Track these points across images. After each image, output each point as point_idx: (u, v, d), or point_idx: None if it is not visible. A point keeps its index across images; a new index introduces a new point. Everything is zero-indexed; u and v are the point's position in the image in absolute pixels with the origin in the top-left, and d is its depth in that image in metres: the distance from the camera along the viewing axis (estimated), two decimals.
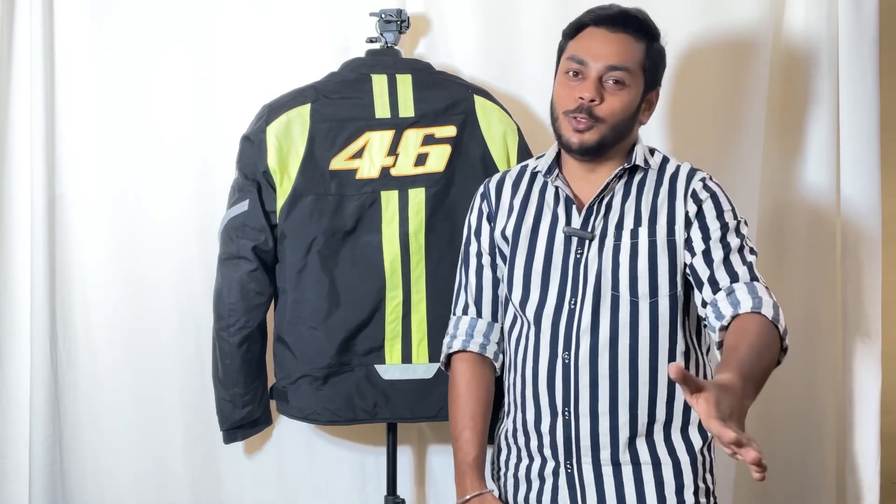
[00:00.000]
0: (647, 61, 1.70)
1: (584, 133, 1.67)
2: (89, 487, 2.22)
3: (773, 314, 1.51)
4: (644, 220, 1.68)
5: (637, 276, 1.66)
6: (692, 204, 1.68)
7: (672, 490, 1.65)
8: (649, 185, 1.71)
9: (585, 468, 1.68)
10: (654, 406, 1.66)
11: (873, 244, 2.22)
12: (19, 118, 2.20)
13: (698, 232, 1.66)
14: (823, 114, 2.22)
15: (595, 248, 1.69)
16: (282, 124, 1.99)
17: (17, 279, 2.21)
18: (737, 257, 1.63)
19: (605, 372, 1.66)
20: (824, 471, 2.25)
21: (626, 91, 1.68)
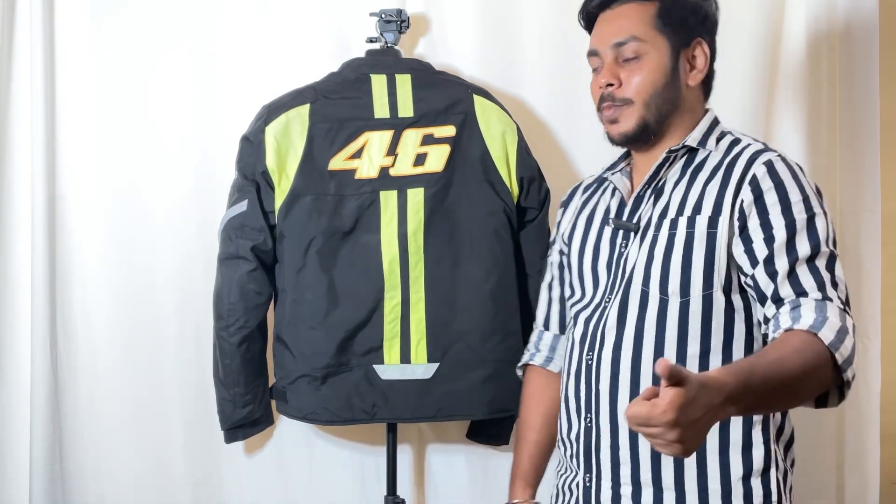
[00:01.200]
0: (661, 19, 1.52)
1: (618, 122, 1.54)
2: (89, 487, 2.22)
3: (832, 338, 1.26)
4: (688, 209, 1.47)
5: (669, 271, 1.46)
6: (748, 192, 1.43)
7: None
8: (706, 170, 1.49)
9: (604, 485, 1.52)
10: None
11: (873, 244, 2.22)
12: (19, 118, 2.20)
13: (759, 232, 1.41)
14: (823, 114, 2.22)
15: (638, 240, 1.52)
16: (281, 124, 2.00)
17: (17, 279, 2.21)
18: (805, 269, 1.36)
19: (627, 375, 1.48)
20: (824, 471, 2.25)
21: (644, 61, 1.52)
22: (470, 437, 2.22)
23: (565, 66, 2.20)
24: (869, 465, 2.22)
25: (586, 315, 1.58)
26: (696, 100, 1.57)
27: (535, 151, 2.08)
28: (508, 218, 2.02)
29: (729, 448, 1.44)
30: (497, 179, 2.02)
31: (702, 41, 1.55)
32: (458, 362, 2.00)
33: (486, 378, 2.00)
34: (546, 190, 2.08)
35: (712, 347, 1.45)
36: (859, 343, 2.18)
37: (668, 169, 1.54)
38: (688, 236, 1.46)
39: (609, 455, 1.51)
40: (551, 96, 2.22)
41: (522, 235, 2.07)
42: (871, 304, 2.23)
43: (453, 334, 2.00)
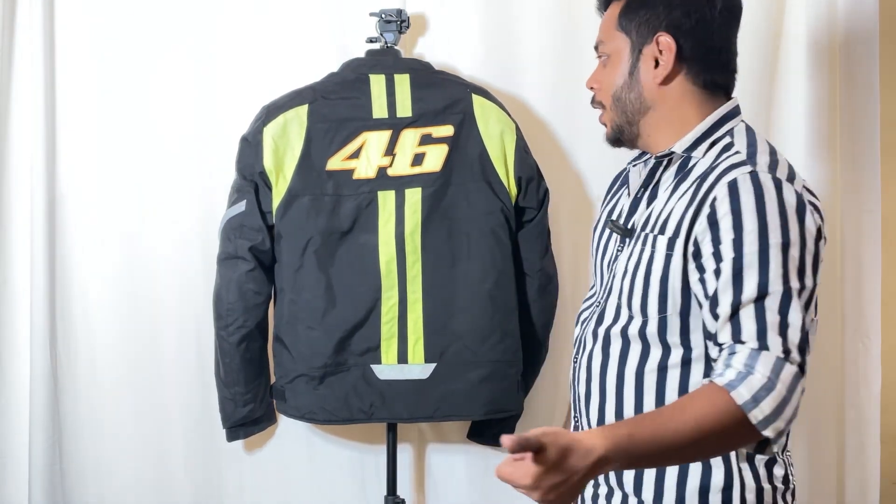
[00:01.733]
0: (624, 17, 1.43)
1: (605, 126, 1.49)
2: (89, 488, 2.22)
3: (746, 399, 1.19)
4: (657, 226, 1.38)
5: (634, 289, 1.40)
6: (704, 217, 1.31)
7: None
8: (689, 180, 1.38)
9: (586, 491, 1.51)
10: None
11: (873, 244, 2.22)
12: (19, 118, 2.21)
13: (711, 262, 1.29)
14: (824, 114, 2.22)
15: (626, 248, 1.44)
16: (279, 125, 2.00)
17: (17, 280, 2.22)
18: (749, 312, 1.24)
19: (597, 382, 1.46)
20: (823, 471, 2.25)
21: (609, 62, 1.46)
22: (471, 437, 2.22)
23: (565, 66, 2.19)
24: (869, 466, 2.22)
25: (584, 317, 1.55)
26: (680, 98, 1.42)
27: (534, 151, 2.08)
28: (506, 218, 2.02)
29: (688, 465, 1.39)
30: (495, 179, 2.02)
31: (663, 34, 1.40)
32: (456, 362, 2.00)
33: (484, 378, 2.00)
34: (545, 190, 2.07)
35: (670, 364, 1.38)
36: (860, 343, 2.20)
37: (664, 171, 1.44)
38: (650, 256, 1.38)
39: None
40: (551, 96, 2.21)
41: (521, 235, 2.07)
42: (872, 305, 2.23)
43: (451, 334, 2.00)
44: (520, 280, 2.08)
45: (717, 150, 1.39)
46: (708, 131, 1.41)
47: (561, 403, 2.21)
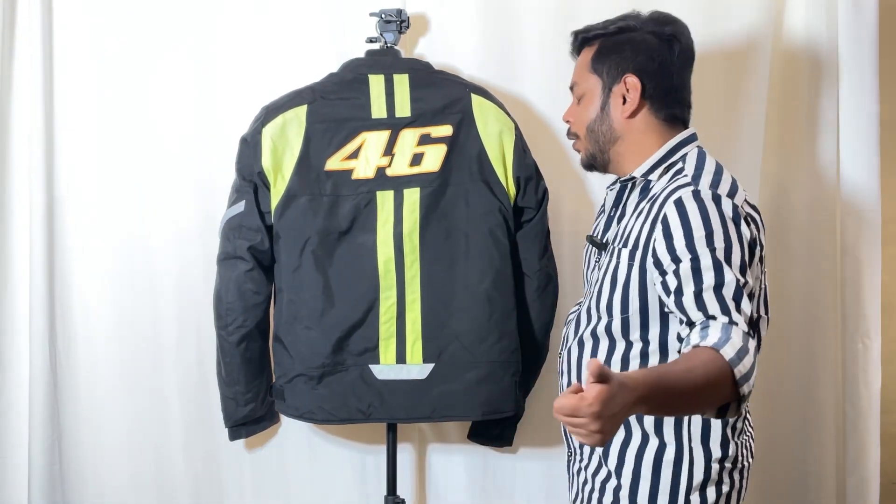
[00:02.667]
0: (596, 61, 1.70)
1: (579, 153, 1.76)
2: (89, 488, 2.22)
3: (732, 356, 1.37)
4: (622, 240, 1.63)
5: (601, 293, 1.64)
6: (659, 232, 1.54)
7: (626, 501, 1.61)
8: (648, 200, 1.61)
9: (575, 457, 1.73)
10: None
11: (873, 244, 2.22)
12: (19, 119, 2.21)
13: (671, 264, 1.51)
14: (823, 114, 2.22)
15: (601, 261, 1.69)
16: (278, 125, 2.00)
17: (17, 279, 2.22)
18: (711, 296, 1.46)
19: (574, 373, 1.70)
20: (824, 471, 2.25)
21: (583, 101, 1.72)
22: (471, 438, 2.22)
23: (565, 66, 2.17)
24: (869, 465, 2.22)
25: (569, 318, 1.80)
26: (644, 129, 1.67)
27: (534, 151, 2.08)
28: (505, 218, 2.02)
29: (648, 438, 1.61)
30: (493, 179, 2.02)
31: (630, 75, 1.65)
32: (454, 363, 2.00)
33: (482, 379, 2.00)
34: (544, 190, 2.07)
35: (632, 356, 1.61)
36: (860, 342, 2.20)
37: (628, 196, 1.69)
38: (615, 265, 1.62)
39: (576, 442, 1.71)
40: (551, 95, 2.21)
41: (520, 236, 2.07)
42: (872, 304, 2.23)
43: (449, 335, 2.00)
44: (519, 280, 2.08)
45: (671, 174, 1.62)
46: (663, 158, 1.65)
47: None
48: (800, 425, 2.26)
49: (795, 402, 2.26)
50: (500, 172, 2.03)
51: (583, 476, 1.70)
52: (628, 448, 1.62)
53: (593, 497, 1.66)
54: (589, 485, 1.68)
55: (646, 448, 1.61)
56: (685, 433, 1.60)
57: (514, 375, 2.03)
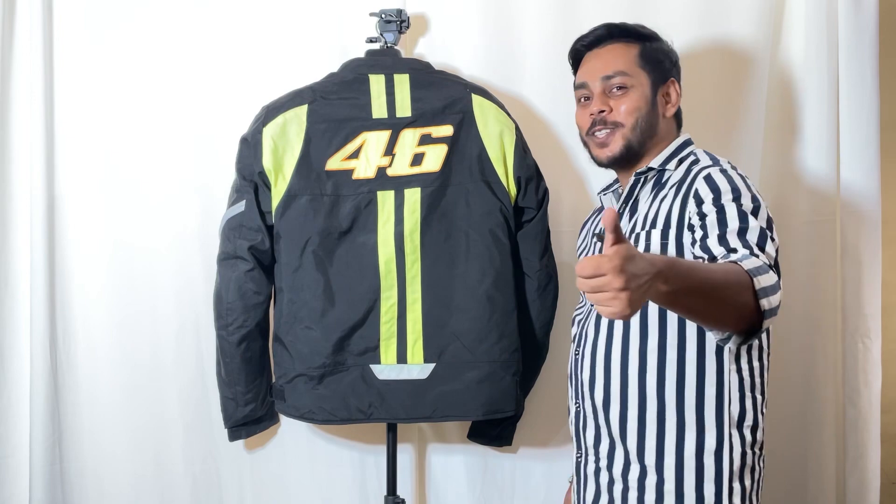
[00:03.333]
0: (642, 59, 1.78)
1: (608, 145, 1.77)
2: (89, 487, 2.22)
3: (752, 268, 1.43)
4: (648, 224, 1.69)
5: None
6: (693, 204, 1.63)
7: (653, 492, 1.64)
8: (667, 188, 1.71)
9: (590, 459, 1.74)
10: (644, 405, 1.65)
11: (873, 244, 2.21)
12: (19, 119, 2.21)
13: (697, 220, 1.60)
14: (823, 114, 2.22)
15: None
16: (278, 125, 2.00)
17: (17, 279, 2.22)
18: (735, 237, 1.53)
19: (601, 367, 1.70)
20: (824, 471, 2.24)
21: (630, 91, 1.76)
22: (471, 438, 2.22)
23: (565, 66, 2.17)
24: (869, 465, 2.22)
25: (579, 318, 1.82)
26: (668, 129, 1.80)
27: (534, 151, 2.08)
28: (505, 218, 2.02)
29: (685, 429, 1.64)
30: (494, 179, 2.02)
31: (674, 80, 1.81)
32: (454, 363, 2.00)
33: (482, 379, 1.99)
34: (545, 190, 2.08)
35: (668, 342, 1.64)
36: (860, 342, 2.20)
37: (640, 189, 1.76)
38: (645, 248, 1.66)
39: (593, 434, 1.73)
40: (551, 95, 2.21)
41: (520, 235, 2.07)
42: (872, 304, 2.22)
43: (449, 335, 2.00)
44: (520, 280, 2.08)
45: (687, 164, 1.72)
46: (675, 151, 1.77)
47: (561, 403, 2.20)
48: (800, 425, 2.26)
49: (796, 402, 2.26)
50: (500, 172, 2.03)
51: (606, 476, 1.70)
52: (665, 441, 1.64)
53: (629, 496, 1.66)
54: (620, 484, 1.68)
55: (685, 438, 1.63)
56: (726, 418, 1.62)
57: (515, 375, 2.03)
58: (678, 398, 1.64)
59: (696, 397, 1.63)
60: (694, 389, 1.64)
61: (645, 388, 1.65)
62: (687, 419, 1.63)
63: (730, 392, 1.64)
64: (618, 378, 1.68)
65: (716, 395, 1.64)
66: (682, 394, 1.64)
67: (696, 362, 1.64)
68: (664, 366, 1.64)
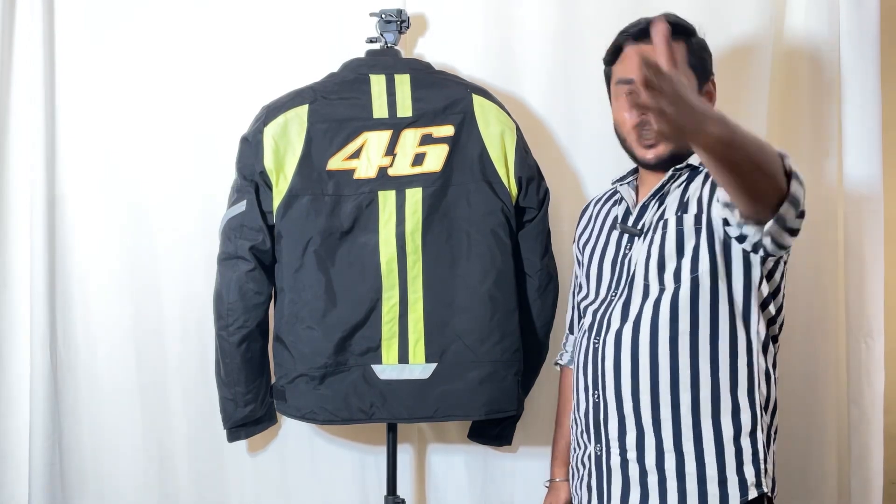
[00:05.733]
0: (690, 57, 1.73)
1: (656, 147, 1.73)
2: (89, 487, 2.23)
3: (781, 152, 1.44)
4: (679, 210, 1.68)
5: (664, 264, 1.66)
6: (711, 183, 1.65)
7: (695, 481, 1.62)
8: (698, 181, 1.70)
9: (613, 452, 1.69)
10: (677, 391, 1.63)
11: (876, 244, 2.20)
12: (19, 118, 2.21)
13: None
14: (825, 114, 2.21)
15: (640, 242, 1.72)
16: (279, 125, 2.00)
17: (17, 279, 2.22)
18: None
19: (627, 354, 1.67)
20: (826, 471, 2.24)
21: None
22: (471, 437, 2.22)
23: (565, 66, 2.20)
24: (872, 465, 2.21)
25: (594, 307, 1.78)
26: None
27: (534, 151, 2.08)
28: (507, 218, 2.02)
29: (720, 413, 1.63)
30: (495, 179, 2.02)
31: (713, 78, 1.78)
32: (456, 362, 1.99)
33: (484, 378, 1.99)
34: (545, 190, 2.07)
35: (700, 324, 1.63)
36: (862, 342, 2.19)
37: (671, 183, 1.74)
38: (678, 233, 1.66)
39: (616, 425, 1.69)
40: (551, 96, 2.21)
41: (521, 235, 2.07)
42: (874, 304, 2.21)
43: (451, 334, 2.00)
44: (520, 280, 2.08)
45: None
46: None
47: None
48: (802, 425, 2.25)
49: (798, 402, 2.25)
50: (501, 173, 2.02)
51: (636, 469, 1.66)
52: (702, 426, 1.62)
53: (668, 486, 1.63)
54: (654, 475, 1.64)
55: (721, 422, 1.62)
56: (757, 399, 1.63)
57: (517, 374, 2.03)
58: (713, 382, 1.62)
59: (731, 380, 1.63)
60: (728, 372, 1.63)
61: (678, 374, 1.63)
62: (722, 403, 1.62)
63: (758, 373, 1.65)
64: (647, 365, 1.65)
65: (748, 376, 1.64)
66: (717, 377, 1.62)
67: (729, 345, 1.63)
68: (697, 350, 1.63)
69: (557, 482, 1.95)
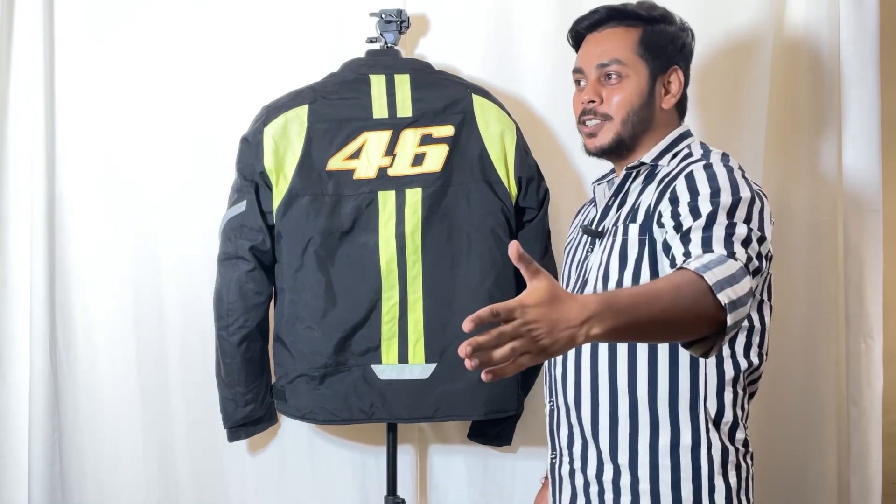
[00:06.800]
0: (642, 45, 1.66)
1: (596, 136, 1.67)
2: (89, 487, 2.23)
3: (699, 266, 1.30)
4: (629, 217, 1.61)
5: (608, 274, 1.60)
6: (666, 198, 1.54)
7: (629, 494, 1.57)
8: (655, 182, 1.62)
9: (564, 460, 1.67)
10: (616, 401, 1.58)
11: (875, 244, 2.21)
12: (19, 118, 2.21)
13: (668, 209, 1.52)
14: (824, 113, 2.22)
15: (598, 246, 1.66)
16: (279, 125, 2.00)
17: (17, 279, 2.22)
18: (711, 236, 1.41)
19: (572, 363, 1.63)
20: (825, 471, 2.24)
21: (625, 82, 1.65)
22: (471, 437, 2.22)
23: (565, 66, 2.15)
24: (872, 465, 2.21)
25: None
26: (668, 120, 1.70)
27: (534, 151, 2.08)
28: (507, 218, 2.02)
29: (658, 426, 1.57)
30: (495, 179, 2.02)
31: (677, 69, 1.69)
32: (456, 363, 1.99)
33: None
34: (545, 190, 2.07)
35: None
36: (861, 342, 2.19)
37: (632, 182, 1.67)
38: (623, 242, 1.60)
39: (566, 433, 1.67)
40: (551, 96, 2.21)
41: (521, 235, 2.07)
42: (874, 304, 2.22)
43: (451, 334, 2.00)
44: (520, 280, 2.07)
45: (679, 158, 1.64)
46: (671, 145, 1.67)
47: None
48: (802, 425, 2.25)
49: (797, 402, 2.25)
50: (501, 173, 2.03)
51: (580, 478, 1.64)
52: (638, 439, 1.58)
53: (606, 498, 1.60)
54: (595, 486, 1.62)
55: (658, 436, 1.56)
56: (701, 414, 1.56)
57: (516, 374, 2.02)
58: (650, 395, 1.57)
59: (670, 393, 1.57)
60: (667, 385, 1.57)
61: (616, 385, 1.58)
62: (660, 416, 1.57)
63: (706, 388, 1.57)
64: (588, 375, 1.61)
65: (690, 390, 1.57)
66: (655, 390, 1.57)
67: (669, 357, 1.57)
68: (635, 361, 1.58)
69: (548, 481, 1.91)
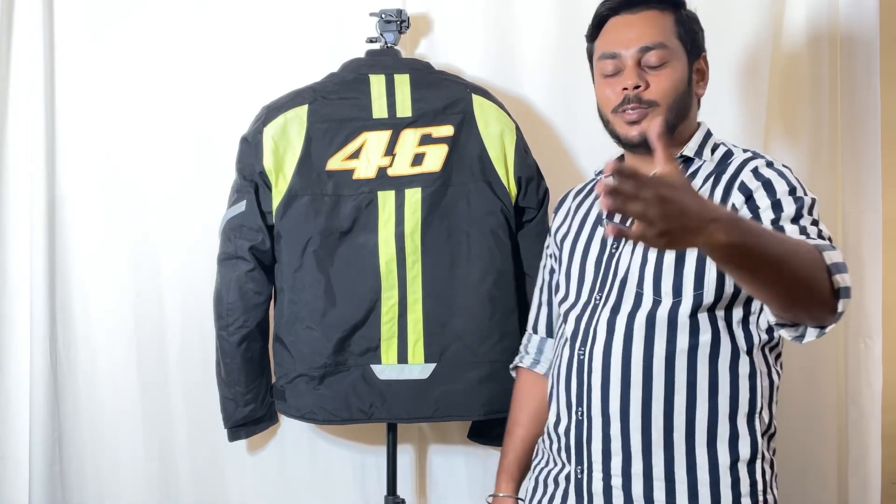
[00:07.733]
0: (680, 30, 1.58)
1: (640, 123, 1.55)
2: (89, 487, 2.22)
3: (831, 262, 1.27)
4: None
5: (662, 274, 1.51)
6: (738, 196, 1.49)
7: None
8: (699, 179, 1.56)
9: (595, 476, 1.56)
10: (671, 414, 1.50)
11: (874, 244, 2.21)
12: (19, 118, 2.21)
13: (742, 202, 1.47)
14: (824, 114, 2.22)
15: (631, 243, 1.56)
16: (279, 125, 2.00)
17: (17, 279, 2.22)
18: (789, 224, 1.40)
19: (618, 370, 1.53)
20: (825, 471, 2.24)
21: (670, 68, 1.56)
22: (471, 437, 2.22)
23: (565, 66, 2.19)
24: (871, 465, 2.22)
25: (577, 313, 1.63)
26: (696, 110, 1.64)
27: (534, 151, 2.08)
28: (506, 218, 2.02)
29: (717, 440, 1.50)
30: (495, 179, 2.02)
31: (705, 55, 1.63)
32: (456, 363, 1.99)
33: (483, 378, 1.99)
34: (545, 190, 2.07)
35: (700, 343, 1.50)
36: (861, 343, 2.19)
37: None
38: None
39: (601, 447, 1.55)
40: (551, 96, 2.21)
41: (521, 235, 2.07)
42: (873, 304, 2.22)
43: (450, 334, 2.00)
44: (520, 280, 2.08)
45: (720, 154, 1.60)
46: (705, 138, 1.63)
47: None
48: (801, 425, 2.25)
49: (797, 402, 2.25)
50: (501, 173, 2.02)
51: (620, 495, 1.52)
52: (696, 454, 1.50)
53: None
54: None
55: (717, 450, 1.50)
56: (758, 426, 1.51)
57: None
58: (710, 406, 1.49)
59: (731, 404, 1.50)
60: (728, 396, 1.50)
61: (673, 396, 1.49)
62: (720, 429, 1.50)
63: (762, 399, 1.52)
64: (639, 383, 1.51)
65: (749, 401, 1.51)
66: (716, 401, 1.49)
67: (730, 368, 1.50)
68: (695, 371, 1.49)
69: (501, 497, 1.80)
